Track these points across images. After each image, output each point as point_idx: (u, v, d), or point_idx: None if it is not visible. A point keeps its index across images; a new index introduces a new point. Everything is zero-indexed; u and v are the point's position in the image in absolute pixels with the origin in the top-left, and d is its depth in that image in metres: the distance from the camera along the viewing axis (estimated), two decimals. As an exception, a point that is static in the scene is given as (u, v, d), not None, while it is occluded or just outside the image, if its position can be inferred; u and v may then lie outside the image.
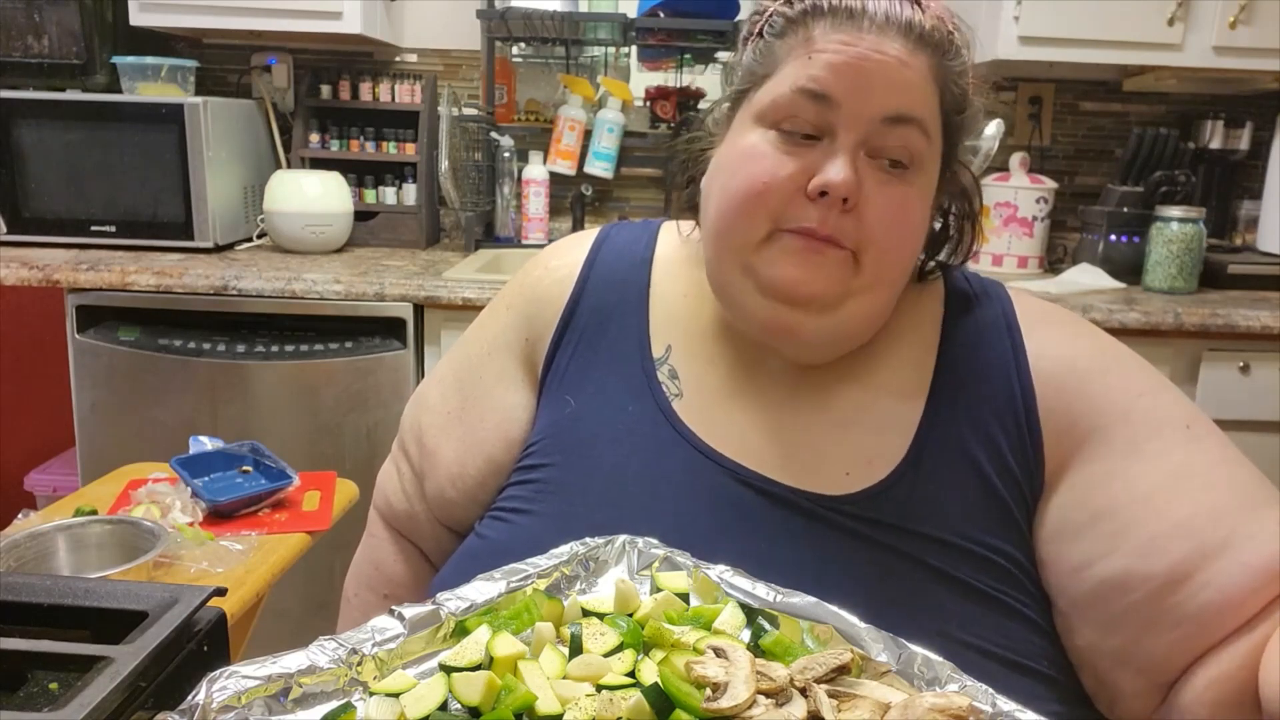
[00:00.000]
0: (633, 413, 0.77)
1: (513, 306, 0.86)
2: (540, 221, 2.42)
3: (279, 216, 2.19)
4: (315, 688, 0.50)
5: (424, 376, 1.97)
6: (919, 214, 0.70)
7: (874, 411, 0.74)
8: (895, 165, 0.67)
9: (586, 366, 0.80)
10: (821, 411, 0.75)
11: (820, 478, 0.72)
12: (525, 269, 0.88)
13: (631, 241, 0.85)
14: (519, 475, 0.79)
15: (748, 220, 0.69)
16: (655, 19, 2.24)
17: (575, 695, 0.49)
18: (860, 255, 0.68)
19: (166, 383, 1.94)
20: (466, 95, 2.52)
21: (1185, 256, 2.12)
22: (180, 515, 1.13)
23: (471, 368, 0.86)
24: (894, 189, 0.67)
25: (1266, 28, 2.09)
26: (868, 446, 0.73)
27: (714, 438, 0.75)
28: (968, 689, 0.49)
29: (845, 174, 0.65)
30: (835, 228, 0.67)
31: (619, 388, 0.78)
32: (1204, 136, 2.43)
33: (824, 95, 0.66)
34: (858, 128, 0.66)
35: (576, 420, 0.78)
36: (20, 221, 2.12)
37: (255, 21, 2.17)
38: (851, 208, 0.66)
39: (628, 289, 0.82)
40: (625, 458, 0.75)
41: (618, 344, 0.80)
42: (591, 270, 0.83)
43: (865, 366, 0.76)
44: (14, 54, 2.17)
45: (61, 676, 0.56)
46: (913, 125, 0.67)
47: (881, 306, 0.72)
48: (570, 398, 0.79)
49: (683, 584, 0.61)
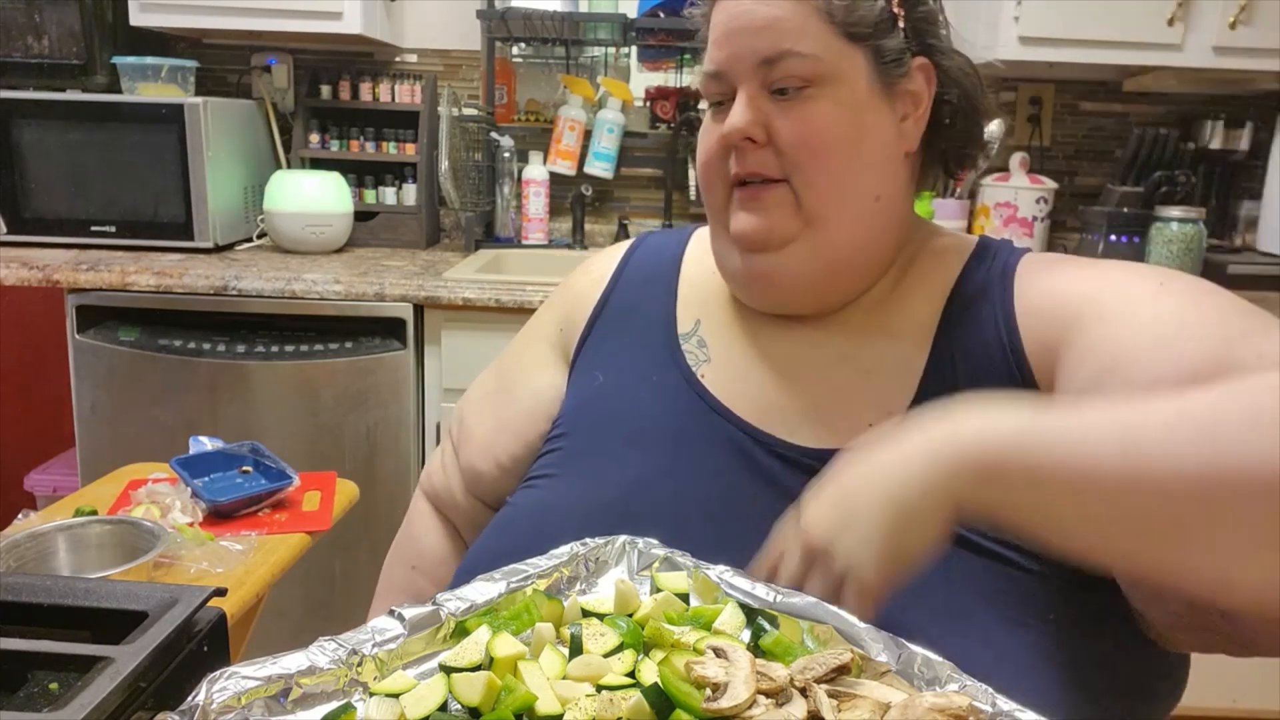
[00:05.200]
0: (656, 382, 0.81)
1: (553, 305, 0.95)
2: (540, 222, 2.42)
3: (279, 216, 2.19)
4: (315, 688, 0.50)
5: (424, 377, 1.98)
6: (835, 120, 0.72)
7: (890, 359, 0.75)
8: (788, 91, 0.72)
9: (615, 346, 0.86)
10: (844, 363, 0.76)
11: (841, 433, 0.72)
12: (568, 274, 0.97)
13: (664, 242, 0.93)
14: (549, 445, 0.84)
15: (709, 189, 0.79)
16: (655, 19, 2.24)
17: (575, 695, 0.49)
18: (793, 183, 0.73)
19: (166, 383, 1.94)
20: (466, 95, 2.52)
21: (1185, 257, 2.12)
22: (180, 515, 1.13)
23: (512, 356, 0.95)
24: (797, 109, 0.72)
25: (1266, 28, 2.09)
26: (889, 397, 0.74)
27: (736, 401, 0.78)
28: (968, 689, 0.49)
29: (736, 117, 0.73)
30: (755, 163, 0.73)
31: (645, 360, 0.83)
32: (1204, 136, 2.43)
33: (717, 72, 0.75)
34: (744, 80, 0.73)
35: (603, 393, 0.83)
36: (20, 221, 2.12)
37: (255, 21, 2.17)
38: (764, 142, 0.73)
39: (657, 279, 0.88)
40: (647, 422, 0.79)
41: (646, 324, 0.86)
42: (625, 267, 0.91)
43: (884, 315, 0.78)
44: (14, 54, 2.17)
45: (61, 676, 0.56)
46: (787, 57, 0.71)
47: (849, 230, 0.74)
48: (599, 373, 0.85)
49: (682, 584, 0.61)
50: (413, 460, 1.99)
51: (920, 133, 0.77)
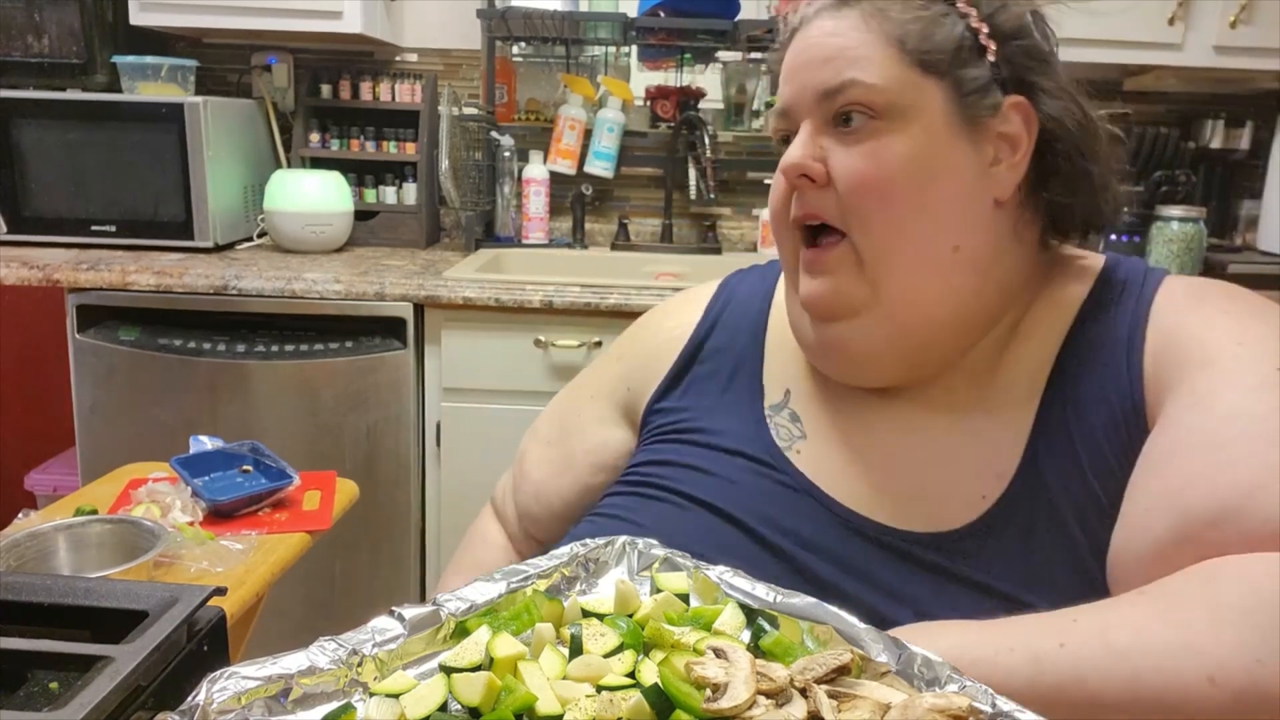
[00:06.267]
0: (742, 462, 0.75)
1: (623, 359, 0.91)
2: (540, 221, 2.42)
3: (279, 216, 2.19)
4: (315, 688, 0.50)
5: (424, 376, 1.98)
6: (900, 157, 0.66)
7: (997, 420, 0.69)
8: (853, 121, 0.67)
9: (698, 413, 0.80)
10: (950, 435, 0.70)
11: (953, 510, 0.68)
12: (640, 322, 0.93)
13: (750, 295, 0.86)
14: (624, 486, 0.80)
15: (779, 241, 0.74)
16: (655, 18, 2.24)
17: (575, 696, 0.49)
18: (852, 234, 0.68)
19: (166, 383, 1.94)
20: (466, 95, 2.52)
21: (1185, 256, 2.12)
22: (180, 515, 1.13)
23: (575, 408, 0.93)
24: (859, 144, 0.67)
25: (1267, 27, 2.09)
26: (998, 459, 0.68)
27: (832, 482, 0.72)
28: (968, 689, 0.49)
29: (793, 152, 0.69)
30: (813, 204, 0.69)
31: (732, 436, 0.77)
32: (1204, 136, 2.42)
33: (784, 109, 0.71)
34: (808, 114, 0.69)
35: (687, 462, 0.77)
36: (20, 221, 2.12)
37: (255, 21, 2.17)
38: (824, 182, 0.68)
39: (742, 335, 0.83)
40: (733, 505, 0.73)
41: (731, 392, 0.80)
42: (709, 328, 0.84)
43: (991, 377, 0.71)
44: (14, 54, 2.17)
45: (61, 676, 0.56)
46: (850, 87, 0.66)
47: (922, 286, 0.68)
48: (679, 438, 0.79)
49: (683, 585, 0.61)
50: (413, 460, 1.98)
51: (1016, 180, 0.69)
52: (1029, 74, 0.69)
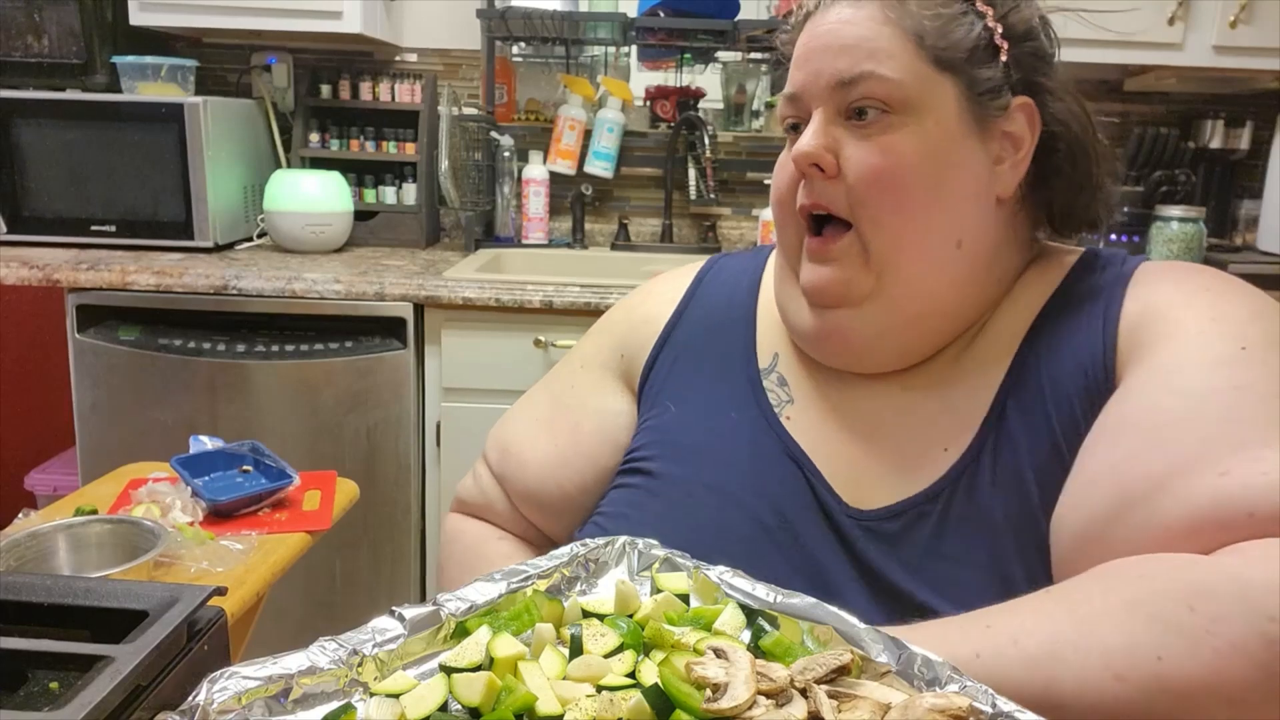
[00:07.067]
0: (736, 420, 0.76)
1: (609, 330, 0.89)
2: (540, 221, 2.42)
3: (279, 216, 2.19)
4: (315, 688, 0.50)
5: (424, 376, 1.98)
6: (913, 152, 0.66)
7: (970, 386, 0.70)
8: (867, 114, 0.67)
9: (689, 376, 0.81)
10: (927, 407, 0.72)
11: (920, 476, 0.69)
12: (628, 296, 0.91)
13: (740, 267, 0.87)
14: (621, 479, 0.80)
15: (781, 227, 0.74)
16: (655, 19, 2.24)
17: (575, 696, 0.49)
18: (860, 225, 0.68)
19: (166, 383, 1.94)
20: (466, 95, 2.52)
21: (1185, 256, 2.12)
22: (180, 515, 1.13)
23: (564, 381, 0.89)
24: (873, 137, 0.67)
25: (1266, 27, 2.09)
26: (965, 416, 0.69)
27: (816, 448, 0.73)
28: (968, 689, 0.49)
29: (805, 141, 0.68)
30: (821, 195, 0.69)
31: (723, 396, 0.78)
32: (1204, 136, 2.43)
33: (794, 94, 0.71)
34: (820, 103, 0.69)
35: (679, 428, 0.78)
36: (20, 221, 2.12)
37: (255, 21, 2.17)
38: (834, 173, 0.68)
39: (734, 307, 0.83)
40: (726, 467, 0.74)
41: (722, 356, 0.81)
42: (696, 292, 0.85)
43: (971, 353, 0.72)
44: (14, 54, 2.17)
45: (61, 676, 0.56)
46: (866, 79, 0.66)
47: (925, 278, 0.69)
48: (671, 404, 0.80)
49: (683, 585, 0.61)
50: (413, 459, 1.98)
51: (1017, 179, 0.70)
52: (1035, 75, 0.71)
